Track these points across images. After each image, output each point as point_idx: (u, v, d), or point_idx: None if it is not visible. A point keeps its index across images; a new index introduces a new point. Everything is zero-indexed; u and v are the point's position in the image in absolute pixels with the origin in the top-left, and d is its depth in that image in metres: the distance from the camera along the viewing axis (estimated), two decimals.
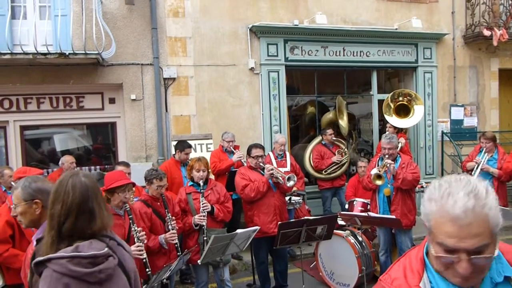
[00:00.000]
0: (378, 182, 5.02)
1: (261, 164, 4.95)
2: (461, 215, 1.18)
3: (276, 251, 5.03)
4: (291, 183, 4.88)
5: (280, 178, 4.87)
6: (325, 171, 7.44)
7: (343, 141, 7.94)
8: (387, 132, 7.54)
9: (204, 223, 4.32)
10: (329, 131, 7.56)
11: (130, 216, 3.63)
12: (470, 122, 9.52)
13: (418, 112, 7.88)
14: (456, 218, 1.19)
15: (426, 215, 1.28)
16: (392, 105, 7.84)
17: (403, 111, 7.91)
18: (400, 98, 7.92)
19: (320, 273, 5.66)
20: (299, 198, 6.52)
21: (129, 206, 3.68)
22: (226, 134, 6.62)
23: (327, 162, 7.41)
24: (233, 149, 6.51)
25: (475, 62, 9.51)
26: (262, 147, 5.15)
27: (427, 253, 1.37)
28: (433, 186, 1.30)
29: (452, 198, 1.21)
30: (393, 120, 7.72)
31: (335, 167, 7.43)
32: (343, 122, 8.10)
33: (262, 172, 4.94)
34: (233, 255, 5.48)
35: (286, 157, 6.67)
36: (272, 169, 4.88)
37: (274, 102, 7.97)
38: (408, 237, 5.22)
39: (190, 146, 6.05)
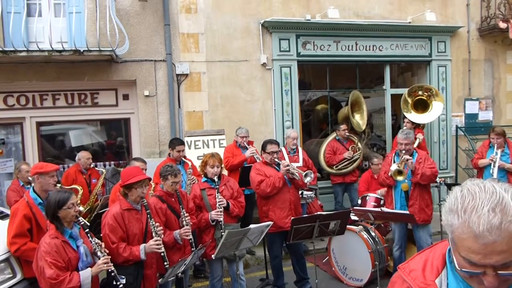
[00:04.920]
0: (400, 178, 4.97)
1: (276, 159, 4.96)
2: (485, 233, 1.09)
3: (292, 245, 5.06)
4: (308, 179, 4.88)
5: (297, 174, 4.87)
6: (336, 167, 7.43)
7: (354, 137, 7.86)
8: (404, 128, 7.49)
9: (221, 219, 4.35)
10: (343, 126, 7.52)
11: (148, 211, 3.68)
12: (485, 116, 9.39)
13: (436, 107, 7.78)
14: (479, 236, 1.10)
15: (448, 226, 1.20)
16: (410, 100, 7.76)
17: (421, 106, 7.82)
18: (420, 92, 7.83)
19: (333, 268, 5.68)
20: (311, 193, 6.50)
21: (146, 201, 3.73)
22: (240, 129, 6.64)
23: (339, 158, 7.39)
24: (246, 145, 6.53)
25: (490, 55, 9.36)
26: (277, 143, 5.15)
27: (449, 250, 1.32)
28: (454, 196, 1.19)
29: (476, 214, 1.11)
30: (411, 115, 7.64)
31: (346, 163, 7.39)
32: (359, 118, 8.04)
33: (277, 168, 4.95)
34: (246, 250, 5.51)
35: (298, 152, 6.67)
36: (288, 165, 4.88)
37: (286, 97, 7.96)
38: (427, 233, 5.17)
39: (181, 143, 5.89)
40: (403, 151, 5.00)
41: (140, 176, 3.68)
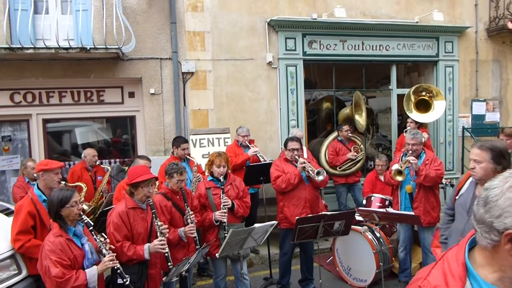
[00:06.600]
0: (399, 178, 4.94)
1: (297, 157, 4.96)
2: None
3: (304, 244, 5.05)
4: (320, 178, 4.85)
5: (311, 172, 4.87)
6: (339, 167, 7.37)
7: (358, 138, 7.82)
8: (408, 127, 7.44)
9: (225, 219, 4.34)
10: (345, 127, 7.46)
11: (153, 211, 3.67)
12: (492, 117, 9.32)
13: (438, 107, 7.73)
14: None
15: None
16: (413, 99, 7.72)
17: (423, 106, 7.78)
18: (424, 93, 7.79)
19: (337, 268, 5.66)
20: None
21: (152, 201, 3.73)
22: (241, 128, 6.61)
23: (342, 159, 7.32)
24: (248, 144, 6.51)
25: (498, 56, 9.28)
26: (299, 140, 5.14)
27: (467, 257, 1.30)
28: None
29: None
30: (414, 115, 7.59)
31: (350, 163, 7.33)
32: (360, 118, 8.03)
33: (297, 165, 4.95)
34: (250, 248, 5.50)
35: (303, 151, 6.64)
36: (304, 162, 4.87)
37: (292, 96, 7.94)
38: (432, 234, 5.13)
39: (186, 141, 5.88)
40: (410, 151, 4.96)
41: (147, 175, 3.67)
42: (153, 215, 3.67)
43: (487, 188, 1.28)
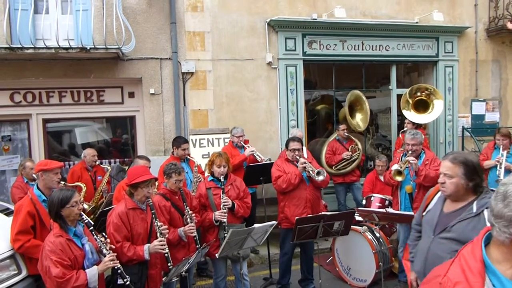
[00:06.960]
0: (399, 178, 4.94)
1: (298, 157, 4.96)
2: None
3: (305, 244, 5.06)
4: (320, 178, 4.85)
5: (311, 172, 4.87)
6: (335, 167, 7.36)
7: (353, 138, 7.77)
8: (406, 128, 7.45)
9: (225, 220, 4.34)
10: (342, 126, 7.45)
11: (153, 211, 3.67)
12: (492, 117, 9.33)
13: (437, 107, 7.73)
14: None
15: None
16: (410, 101, 7.72)
17: (422, 106, 7.78)
18: (418, 94, 7.79)
19: (337, 268, 5.67)
20: None
21: (152, 201, 3.73)
22: (235, 129, 6.56)
23: (337, 158, 7.31)
24: (243, 144, 6.50)
25: (498, 56, 9.29)
26: (300, 140, 5.14)
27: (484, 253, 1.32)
28: None
29: None
30: (412, 115, 7.59)
31: (345, 163, 7.30)
32: (360, 118, 8.00)
33: (298, 165, 4.95)
34: (250, 249, 5.51)
35: (303, 152, 6.63)
36: (305, 162, 4.88)
37: (292, 96, 7.95)
38: None
39: (186, 142, 5.87)
40: (410, 152, 4.96)
41: (146, 175, 3.67)
42: (153, 216, 3.67)
43: (505, 183, 1.30)
